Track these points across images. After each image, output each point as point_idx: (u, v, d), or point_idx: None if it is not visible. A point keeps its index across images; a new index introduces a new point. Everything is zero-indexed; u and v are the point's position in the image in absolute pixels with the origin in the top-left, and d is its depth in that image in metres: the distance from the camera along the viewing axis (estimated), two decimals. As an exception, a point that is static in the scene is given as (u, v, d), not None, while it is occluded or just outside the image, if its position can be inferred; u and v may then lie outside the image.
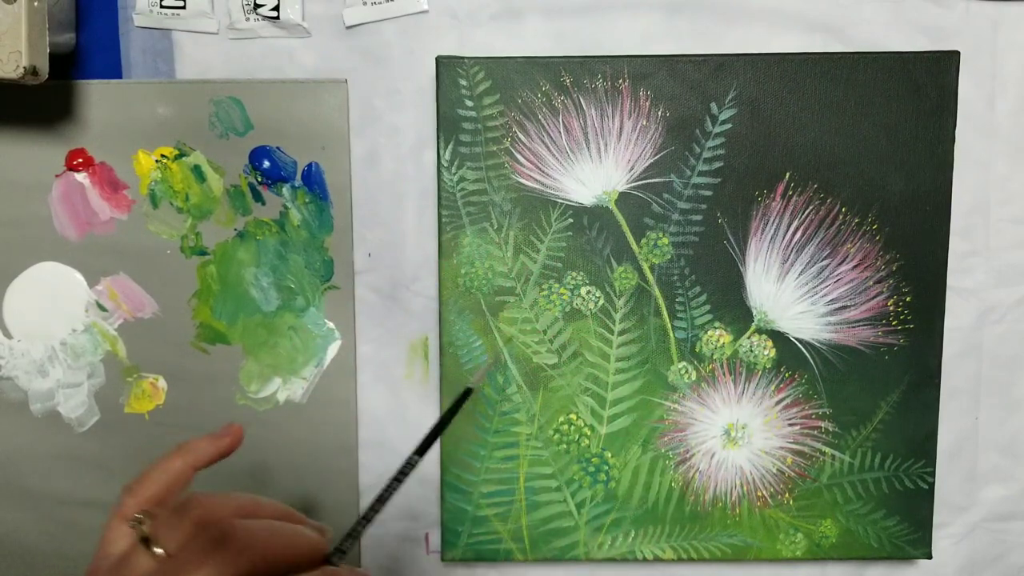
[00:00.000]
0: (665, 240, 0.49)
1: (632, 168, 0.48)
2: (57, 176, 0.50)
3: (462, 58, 0.48)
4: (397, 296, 0.50)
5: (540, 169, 0.48)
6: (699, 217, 0.48)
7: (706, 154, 0.48)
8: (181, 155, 0.49)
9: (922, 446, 0.50)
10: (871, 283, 0.49)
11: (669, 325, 0.49)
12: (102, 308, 0.50)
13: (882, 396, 0.49)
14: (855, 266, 0.49)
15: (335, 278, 0.50)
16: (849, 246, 0.48)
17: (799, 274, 0.49)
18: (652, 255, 0.49)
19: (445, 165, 0.48)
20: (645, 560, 0.50)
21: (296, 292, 0.50)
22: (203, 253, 0.50)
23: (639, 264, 0.49)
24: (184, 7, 0.49)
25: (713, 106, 0.48)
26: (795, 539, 0.50)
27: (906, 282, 0.49)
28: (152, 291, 0.50)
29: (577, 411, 0.49)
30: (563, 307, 0.49)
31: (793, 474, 0.50)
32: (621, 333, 0.49)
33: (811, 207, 0.48)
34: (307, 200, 0.49)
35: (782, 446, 0.50)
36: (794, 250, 0.49)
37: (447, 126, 0.48)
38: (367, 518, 0.35)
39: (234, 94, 0.49)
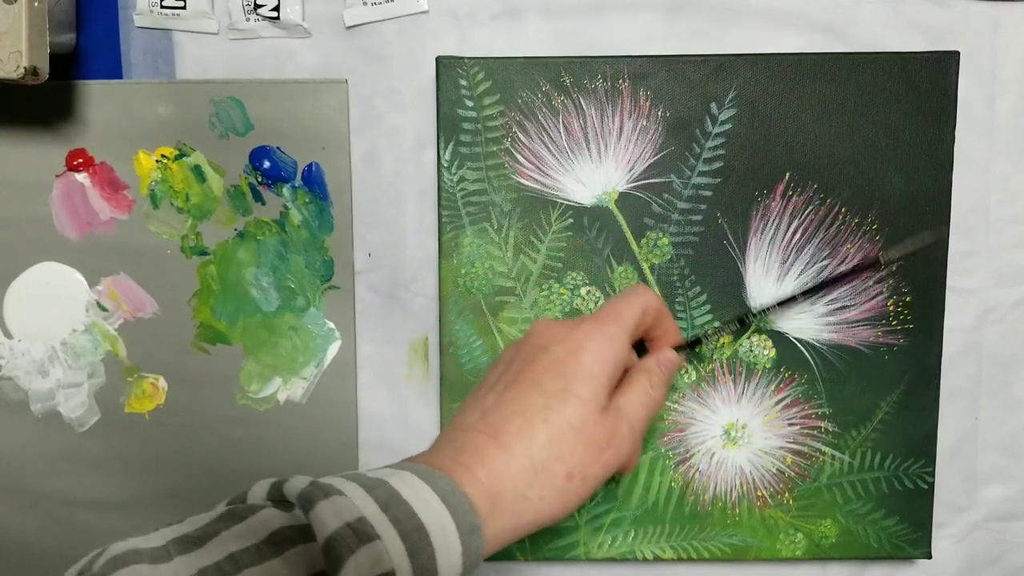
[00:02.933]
0: (665, 240, 0.49)
1: (632, 168, 0.48)
2: (57, 176, 0.50)
3: (462, 58, 0.48)
4: (397, 296, 0.50)
5: (540, 169, 0.48)
6: (699, 217, 0.48)
7: (706, 154, 0.48)
8: (181, 155, 0.49)
9: (922, 446, 0.50)
10: (871, 283, 0.49)
11: (669, 325, 0.49)
12: (102, 308, 0.50)
13: (882, 396, 0.49)
14: (855, 266, 0.49)
15: (335, 278, 0.50)
16: (849, 246, 0.48)
17: (799, 274, 0.49)
18: (652, 255, 0.49)
19: (445, 165, 0.48)
20: (645, 560, 0.50)
21: (296, 292, 0.50)
22: (203, 253, 0.50)
23: (639, 264, 0.49)
24: (184, 7, 0.49)
25: (713, 106, 0.48)
26: (795, 539, 0.50)
27: (906, 282, 0.49)
28: (152, 291, 0.50)
29: (577, 411, 0.49)
30: (563, 307, 0.49)
31: (793, 474, 0.50)
32: (621, 333, 0.49)
33: (811, 207, 0.48)
34: (307, 200, 0.49)
35: (782, 446, 0.50)
36: (794, 250, 0.49)
37: (447, 126, 0.48)
38: (720, 330, 0.47)
39: (234, 94, 0.49)
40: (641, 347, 0.45)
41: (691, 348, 0.46)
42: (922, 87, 0.48)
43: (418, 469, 0.35)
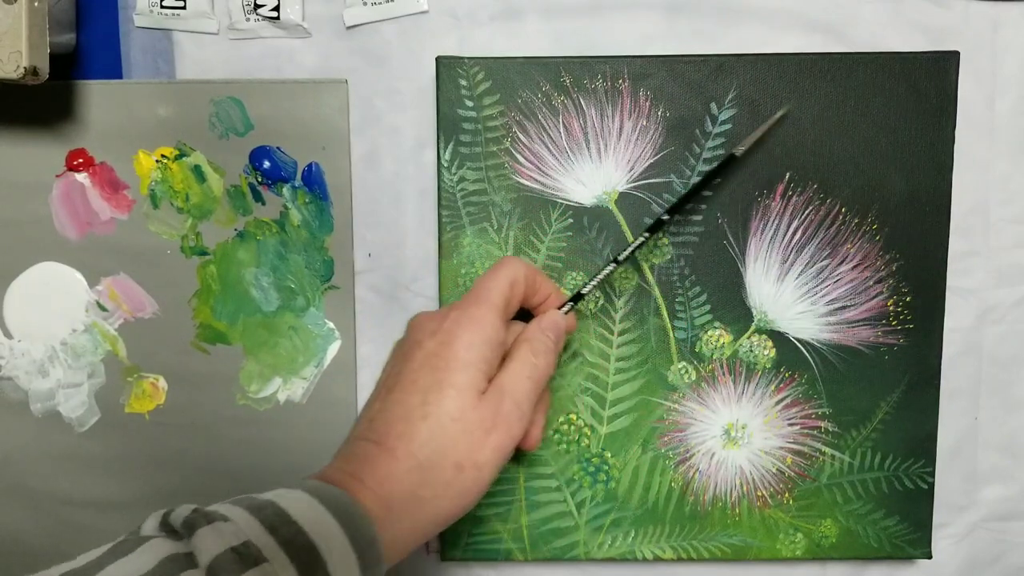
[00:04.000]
0: (665, 240, 0.49)
1: (632, 168, 0.48)
2: (57, 176, 0.50)
3: (462, 58, 0.48)
4: (397, 296, 0.50)
5: (540, 169, 0.48)
6: (699, 217, 0.48)
7: (706, 154, 0.48)
8: (181, 155, 0.49)
9: (922, 446, 0.50)
10: (871, 283, 0.49)
11: (669, 325, 0.49)
12: (102, 308, 0.50)
13: (882, 396, 0.49)
14: (855, 266, 0.49)
15: (335, 278, 0.50)
16: (849, 246, 0.48)
17: (799, 274, 0.49)
18: (652, 255, 0.49)
19: (445, 165, 0.48)
20: (645, 560, 0.50)
21: (296, 292, 0.50)
22: (203, 253, 0.50)
23: (639, 264, 0.49)
24: (184, 7, 0.49)
25: (713, 106, 0.48)
26: (795, 539, 0.50)
27: (906, 282, 0.49)
28: (152, 291, 0.50)
29: (577, 411, 0.49)
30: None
31: (793, 474, 0.50)
32: (621, 333, 0.49)
33: (811, 207, 0.48)
34: (307, 200, 0.49)
35: (782, 446, 0.50)
36: (794, 250, 0.49)
37: (447, 126, 0.48)
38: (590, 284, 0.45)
39: (234, 94, 0.49)
40: (529, 316, 0.44)
41: (575, 303, 0.45)
42: (922, 87, 0.48)
43: (309, 485, 0.35)
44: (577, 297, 0.45)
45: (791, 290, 0.49)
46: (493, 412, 0.39)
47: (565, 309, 0.44)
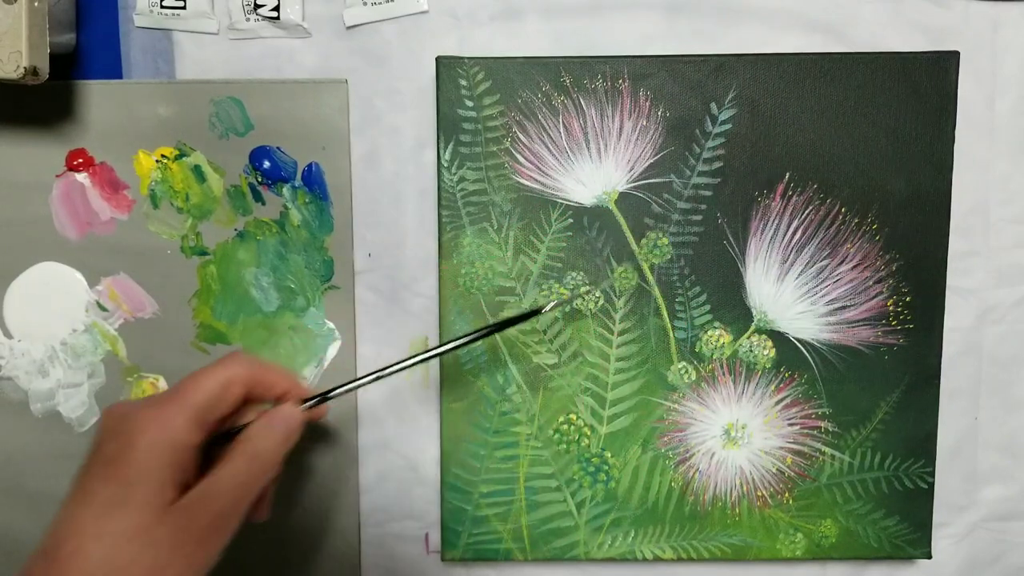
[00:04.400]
0: (665, 240, 0.49)
1: (632, 168, 0.48)
2: (57, 176, 0.50)
3: (462, 58, 0.48)
4: (397, 296, 0.50)
5: (540, 169, 0.48)
6: (699, 217, 0.48)
7: (706, 154, 0.48)
8: (181, 155, 0.49)
9: (922, 446, 0.50)
10: (871, 283, 0.49)
11: (669, 325, 0.49)
12: (102, 308, 0.50)
13: (882, 396, 0.49)
14: (855, 266, 0.49)
15: (335, 278, 0.50)
16: (849, 246, 0.48)
17: (799, 274, 0.49)
18: (652, 255, 0.49)
19: (445, 165, 0.48)
20: (645, 560, 0.50)
21: (296, 292, 0.50)
22: (203, 253, 0.50)
23: (639, 264, 0.49)
24: (184, 7, 0.49)
25: (713, 106, 0.48)
26: (795, 539, 0.50)
27: (906, 282, 0.49)
28: (152, 291, 0.50)
29: (577, 411, 0.49)
30: (563, 307, 0.49)
31: (793, 474, 0.50)
32: (621, 333, 0.49)
33: (811, 207, 0.48)
34: (307, 200, 0.49)
35: (782, 446, 0.50)
36: (794, 250, 0.49)
37: (447, 126, 0.48)
38: (344, 386, 0.42)
39: (234, 94, 0.49)
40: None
41: (323, 400, 0.41)
42: (922, 87, 0.48)
43: None
44: (324, 396, 0.41)
45: (791, 290, 0.49)
46: (184, 526, 0.35)
47: (306, 406, 0.40)
